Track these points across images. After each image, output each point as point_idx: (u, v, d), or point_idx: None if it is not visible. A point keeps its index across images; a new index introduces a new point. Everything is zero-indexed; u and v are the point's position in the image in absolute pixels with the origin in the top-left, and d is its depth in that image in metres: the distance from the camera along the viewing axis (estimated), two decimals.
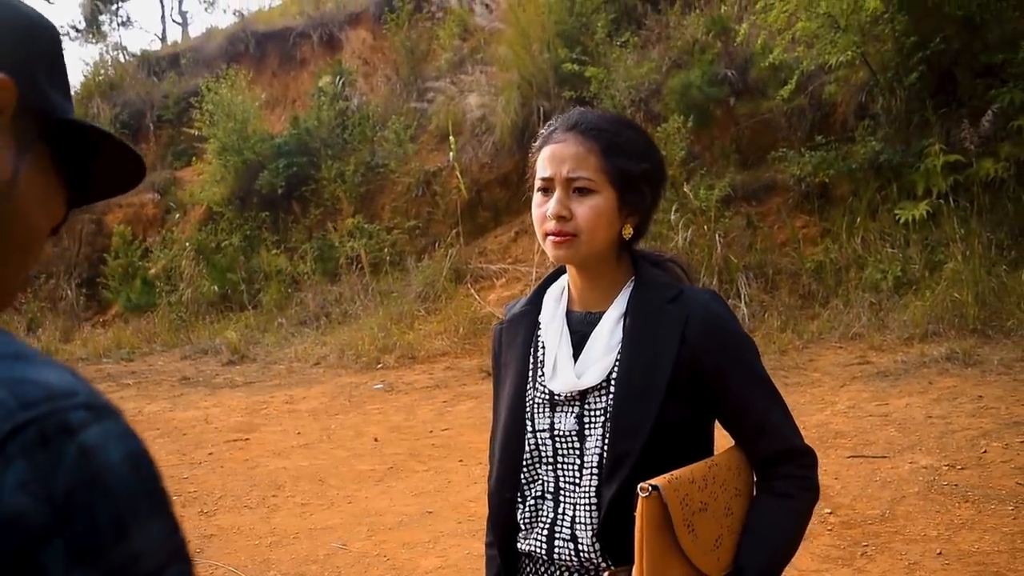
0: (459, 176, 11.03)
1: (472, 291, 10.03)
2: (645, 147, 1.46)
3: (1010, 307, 6.71)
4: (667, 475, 1.30)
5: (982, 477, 4.26)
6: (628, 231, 1.43)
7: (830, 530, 3.87)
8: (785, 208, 8.77)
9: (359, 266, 11.18)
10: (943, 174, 7.56)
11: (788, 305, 7.86)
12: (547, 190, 1.42)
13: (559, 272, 1.55)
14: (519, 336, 1.53)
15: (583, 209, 1.38)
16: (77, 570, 0.43)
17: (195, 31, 23.72)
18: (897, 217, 7.80)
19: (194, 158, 13.70)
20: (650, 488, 1.27)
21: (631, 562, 1.30)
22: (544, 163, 1.42)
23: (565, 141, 1.41)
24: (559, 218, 1.38)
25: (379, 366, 8.87)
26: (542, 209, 1.42)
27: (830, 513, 4.03)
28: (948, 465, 4.46)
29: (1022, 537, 3.58)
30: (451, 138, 11.18)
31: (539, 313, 1.53)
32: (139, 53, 17.88)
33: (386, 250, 11.16)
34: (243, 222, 12.57)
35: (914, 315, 6.98)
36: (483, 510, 4.74)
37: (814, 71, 8.57)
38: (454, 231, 10.93)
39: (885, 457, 4.69)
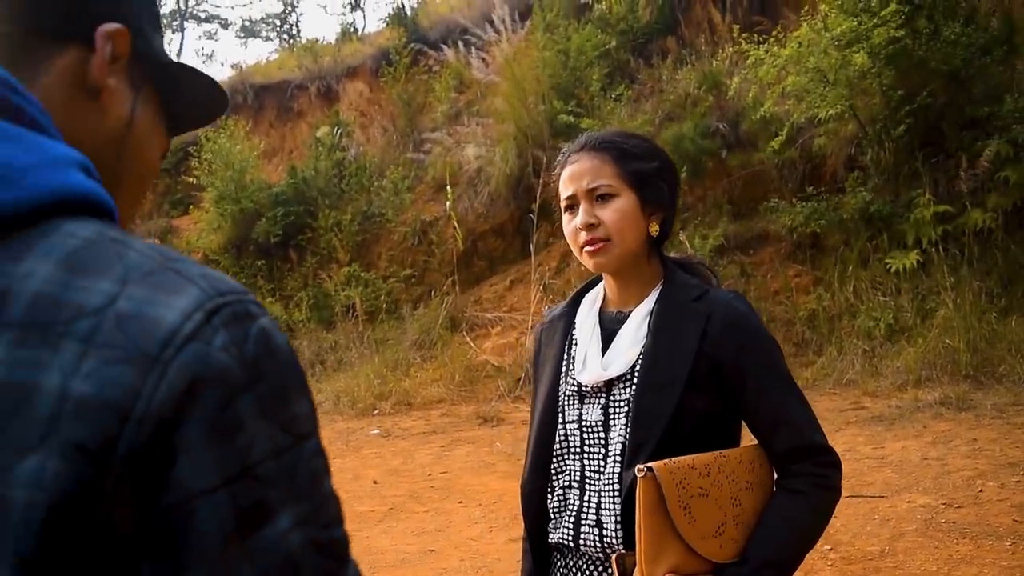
0: (455, 226, 11.15)
1: (468, 339, 10.08)
2: (652, 149, 1.57)
3: (1001, 353, 6.80)
4: (667, 459, 1.36)
5: (979, 515, 4.30)
6: (655, 228, 1.53)
7: (831, 566, 3.90)
8: (778, 258, 8.90)
9: (355, 314, 11.24)
10: (932, 224, 7.71)
11: (782, 353, 7.93)
12: (573, 207, 1.53)
13: (597, 280, 1.64)
14: (556, 335, 1.63)
15: (608, 213, 1.49)
16: (262, 421, 0.55)
17: None
18: (888, 266, 7.93)
19: (191, 207, 13.82)
20: (645, 469, 1.33)
21: None
22: (565, 184, 1.54)
23: (580, 160, 1.53)
24: (589, 227, 1.49)
25: (375, 412, 8.88)
26: (572, 225, 1.52)
27: (830, 550, 4.06)
28: (945, 504, 4.50)
29: (1021, 571, 3.62)
30: (448, 188, 11.33)
31: (576, 314, 1.62)
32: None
33: (382, 298, 11.23)
34: (239, 270, 12.63)
35: (907, 362, 7.06)
36: (485, 548, 4.74)
37: (804, 124, 8.78)
38: (450, 280, 11.02)
39: (883, 497, 4.73)
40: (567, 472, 1.52)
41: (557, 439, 1.53)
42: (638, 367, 1.47)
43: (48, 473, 0.49)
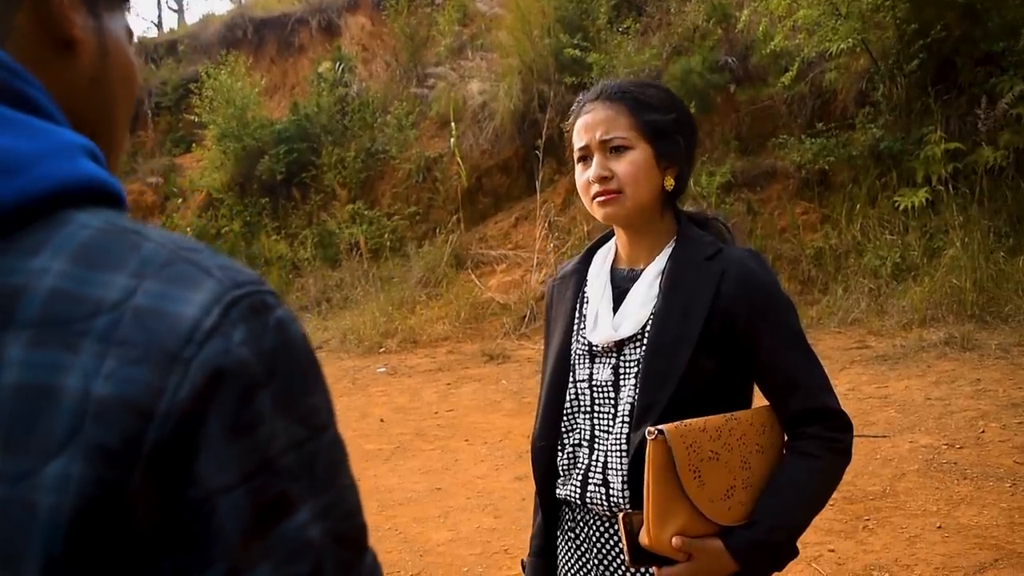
0: (460, 162, 11.07)
1: (473, 277, 10.09)
2: (670, 100, 1.53)
3: (1008, 293, 6.78)
4: (678, 422, 1.34)
5: (980, 456, 4.34)
6: (669, 182, 1.48)
7: (832, 505, 3.94)
8: (785, 195, 8.83)
9: (359, 252, 11.23)
10: (943, 161, 7.61)
11: (788, 291, 7.90)
12: (586, 159, 1.50)
13: (610, 235, 1.62)
14: (568, 292, 1.61)
15: (622, 165, 1.45)
16: (280, 415, 0.54)
17: (191, 18, 23.68)
18: (896, 204, 7.86)
19: (193, 144, 13.72)
20: (656, 432, 1.32)
21: None
22: (578, 134, 1.51)
23: (594, 110, 1.49)
24: (601, 179, 1.45)
25: (381, 350, 8.93)
26: (584, 177, 1.49)
27: None
28: (947, 444, 4.54)
29: (1020, 512, 3.66)
30: (452, 124, 11.22)
31: (588, 271, 1.60)
32: (136, 40, 17.82)
33: (386, 236, 11.21)
34: (243, 208, 12.60)
35: (913, 301, 7.05)
36: (491, 486, 4.81)
37: (815, 58, 8.61)
38: (454, 217, 10.98)
39: (885, 436, 4.76)
40: (577, 430, 1.51)
41: (568, 398, 1.53)
42: (649, 328, 1.45)
43: (74, 476, 0.49)
